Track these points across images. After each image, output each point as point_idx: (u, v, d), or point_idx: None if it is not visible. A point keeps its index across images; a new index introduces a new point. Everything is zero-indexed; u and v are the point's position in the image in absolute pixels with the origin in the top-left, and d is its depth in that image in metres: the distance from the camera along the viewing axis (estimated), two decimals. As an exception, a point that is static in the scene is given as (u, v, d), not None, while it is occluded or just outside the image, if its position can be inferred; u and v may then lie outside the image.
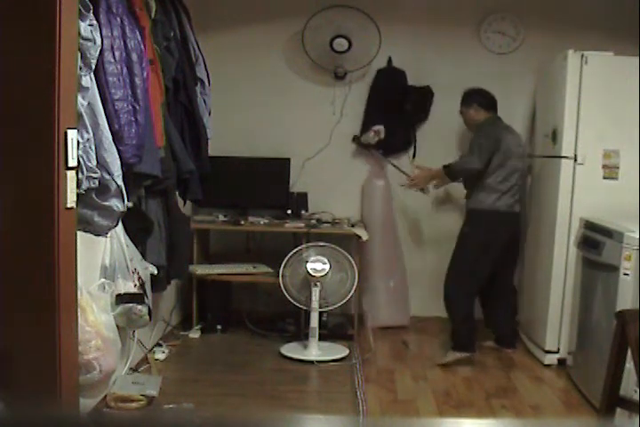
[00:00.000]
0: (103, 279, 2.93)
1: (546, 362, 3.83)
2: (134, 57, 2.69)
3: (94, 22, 2.34)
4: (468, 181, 4.01)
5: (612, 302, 3.08)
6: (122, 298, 2.96)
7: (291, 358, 3.83)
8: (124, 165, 2.61)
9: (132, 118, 2.67)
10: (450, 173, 3.99)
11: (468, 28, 4.55)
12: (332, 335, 4.17)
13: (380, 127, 4.47)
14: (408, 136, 4.61)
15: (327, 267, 3.89)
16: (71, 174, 2.12)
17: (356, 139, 4.60)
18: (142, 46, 2.78)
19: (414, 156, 4.59)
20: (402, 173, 4.43)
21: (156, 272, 3.27)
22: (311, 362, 3.79)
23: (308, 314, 3.98)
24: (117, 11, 2.62)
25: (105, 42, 2.49)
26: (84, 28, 2.26)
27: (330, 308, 4.00)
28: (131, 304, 2.99)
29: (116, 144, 2.54)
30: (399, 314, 4.58)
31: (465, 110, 4.04)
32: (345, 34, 4.43)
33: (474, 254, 3.87)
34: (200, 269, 4.22)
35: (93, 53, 2.34)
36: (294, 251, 4.00)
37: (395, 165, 4.54)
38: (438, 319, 4.30)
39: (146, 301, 3.08)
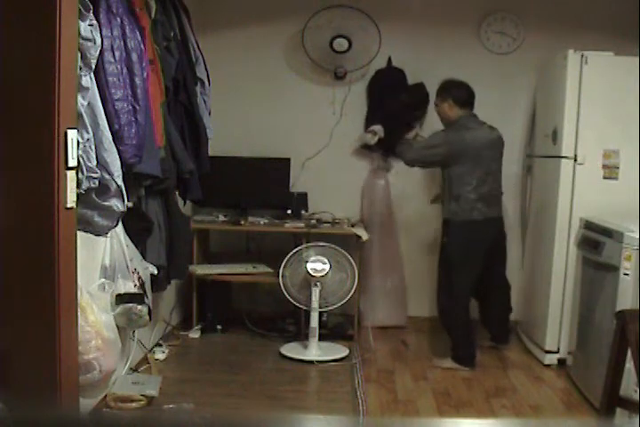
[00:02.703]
0: (103, 279, 2.93)
1: (546, 362, 3.83)
2: (134, 57, 2.69)
3: (94, 22, 2.34)
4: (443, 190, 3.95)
5: (612, 302, 3.08)
6: (122, 298, 2.96)
7: (291, 358, 3.83)
8: (124, 165, 2.62)
9: (132, 118, 2.67)
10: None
11: (467, 28, 4.55)
12: (332, 335, 4.17)
13: (377, 127, 4.45)
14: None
15: (327, 267, 3.89)
16: (71, 174, 2.12)
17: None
18: (142, 46, 2.78)
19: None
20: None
21: (155, 272, 3.27)
22: (311, 362, 3.79)
23: (308, 314, 3.98)
24: (117, 11, 2.62)
25: (105, 42, 2.49)
26: (84, 28, 2.26)
27: (330, 308, 4.00)
28: (131, 304, 2.98)
29: (116, 144, 2.55)
30: (396, 314, 4.58)
31: (439, 103, 3.82)
32: (345, 34, 4.43)
33: (457, 266, 3.77)
34: (200, 269, 4.22)
35: (93, 53, 2.34)
36: (294, 251, 4.00)
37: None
38: (437, 319, 4.28)
39: (146, 301, 3.08)
